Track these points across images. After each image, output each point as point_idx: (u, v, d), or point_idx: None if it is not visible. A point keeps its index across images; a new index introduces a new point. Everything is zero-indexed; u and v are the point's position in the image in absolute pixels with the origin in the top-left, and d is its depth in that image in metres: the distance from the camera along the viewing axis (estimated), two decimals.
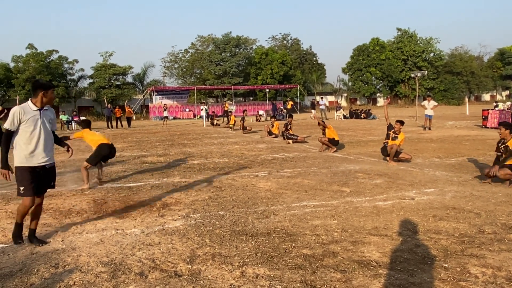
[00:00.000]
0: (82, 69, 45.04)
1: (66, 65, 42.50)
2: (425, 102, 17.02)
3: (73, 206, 5.70)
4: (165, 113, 29.25)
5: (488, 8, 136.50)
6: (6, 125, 3.92)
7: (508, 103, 18.72)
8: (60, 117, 28.45)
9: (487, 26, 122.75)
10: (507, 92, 67.22)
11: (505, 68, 64.95)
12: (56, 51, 41.35)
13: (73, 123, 27.55)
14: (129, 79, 47.98)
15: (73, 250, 3.99)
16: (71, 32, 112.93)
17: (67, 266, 3.61)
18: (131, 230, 4.56)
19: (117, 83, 43.92)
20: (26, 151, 3.96)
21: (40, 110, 4.06)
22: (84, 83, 46.35)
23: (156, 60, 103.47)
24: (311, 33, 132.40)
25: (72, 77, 44.47)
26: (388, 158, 8.79)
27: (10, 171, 4.05)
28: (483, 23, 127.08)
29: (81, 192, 6.59)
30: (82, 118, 28.42)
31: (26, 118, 3.95)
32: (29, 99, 4.11)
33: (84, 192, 6.58)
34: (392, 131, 8.94)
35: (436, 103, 18.20)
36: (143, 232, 4.50)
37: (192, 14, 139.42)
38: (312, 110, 29.90)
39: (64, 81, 42.28)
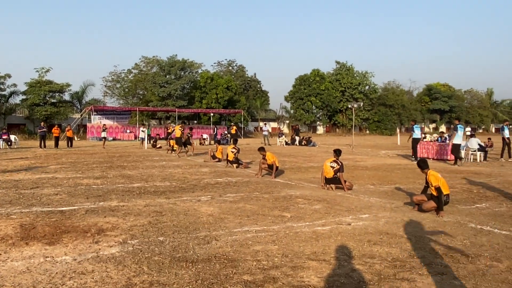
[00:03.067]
0: (15, 85, 42.44)
1: None
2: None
3: None
4: (103, 134, 28.00)
5: (418, 46, 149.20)
6: None
7: (435, 135, 20.24)
8: None
9: (416, 63, 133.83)
10: (434, 125, 73.02)
11: (432, 103, 70.77)
12: None
13: (1, 142, 25.45)
14: (67, 97, 45.87)
15: None
16: (4, 45, 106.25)
17: None
18: (62, 258, 4.28)
19: (52, 100, 41.70)
20: None
21: None
22: (16, 99, 43.57)
23: (96, 79, 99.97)
24: (255, 61, 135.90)
25: (3, 93, 41.65)
26: (332, 185, 9.07)
27: None
28: (413, 60, 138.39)
29: (6, 216, 6.08)
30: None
31: None
32: None
33: (10, 216, 6.09)
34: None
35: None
36: (75, 259, 4.23)
37: (137, 35, 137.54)
38: (296, 137, 29.90)
39: None
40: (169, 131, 30.62)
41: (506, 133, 17.26)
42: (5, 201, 7.30)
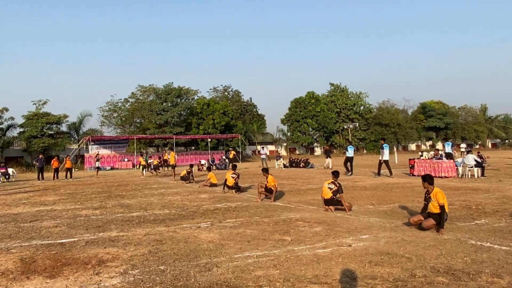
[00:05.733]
0: (12, 118, 42.65)
1: None
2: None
3: None
4: (97, 163, 27.86)
5: (410, 65, 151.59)
6: None
7: (432, 152, 20.43)
8: None
9: (409, 82, 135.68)
10: (430, 142, 73.39)
11: (427, 120, 71.38)
12: None
13: None
14: (64, 128, 46.01)
15: None
16: (0, 79, 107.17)
17: None
18: None
19: (50, 132, 41.84)
20: None
21: None
22: (14, 132, 43.66)
23: (94, 109, 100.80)
24: (251, 85, 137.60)
25: (0, 126, 41.81)
26: (331, 207, 9.10)
27: None
28: (406, 79, 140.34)
29: (6, 251, 6.06)
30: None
31: None
32: None
33: (10, 251, 6.07)
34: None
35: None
36: None
37: (133, 64, 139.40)
38: (327, 159, 28.87)
39: None
40: (165, 157, 30.68)
41: (448, 148, 20.10)
42: (5, 235, 7.27)
